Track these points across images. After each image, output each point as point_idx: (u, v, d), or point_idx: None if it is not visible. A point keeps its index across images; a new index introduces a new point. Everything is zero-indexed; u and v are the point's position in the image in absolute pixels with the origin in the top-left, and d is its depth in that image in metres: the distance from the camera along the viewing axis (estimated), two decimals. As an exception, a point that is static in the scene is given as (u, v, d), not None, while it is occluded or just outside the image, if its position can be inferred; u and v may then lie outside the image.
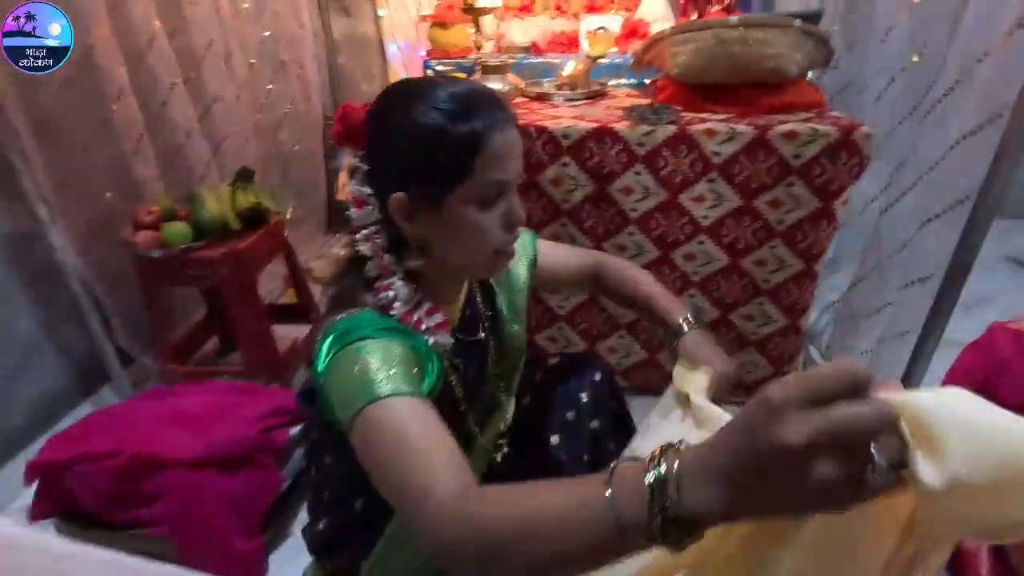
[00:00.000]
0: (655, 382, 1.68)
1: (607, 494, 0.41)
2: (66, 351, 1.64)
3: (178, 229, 1.50)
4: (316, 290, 2.37)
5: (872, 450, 0.35)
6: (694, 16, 2.08)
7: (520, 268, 0.92)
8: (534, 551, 0.44)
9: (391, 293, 0.70)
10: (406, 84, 0.71)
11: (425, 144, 0.64)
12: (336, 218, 2.96)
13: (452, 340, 0.73)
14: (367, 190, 0.70)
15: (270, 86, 2.33)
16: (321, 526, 0.89)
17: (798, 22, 1.33)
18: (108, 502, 1.13)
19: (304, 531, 0.95)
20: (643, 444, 0.75)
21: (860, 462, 0.34)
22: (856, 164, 1.31)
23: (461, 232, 0.68)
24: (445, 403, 0.68)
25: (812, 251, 1.43)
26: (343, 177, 2.77)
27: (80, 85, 1.52)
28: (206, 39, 1.87)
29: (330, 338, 0.65)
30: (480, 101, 0.66)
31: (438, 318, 0.71)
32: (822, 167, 1.32)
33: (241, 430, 1.24)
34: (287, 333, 1.89)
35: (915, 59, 1.43)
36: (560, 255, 0.99)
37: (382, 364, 0.62)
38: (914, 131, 1.40)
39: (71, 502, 1.16)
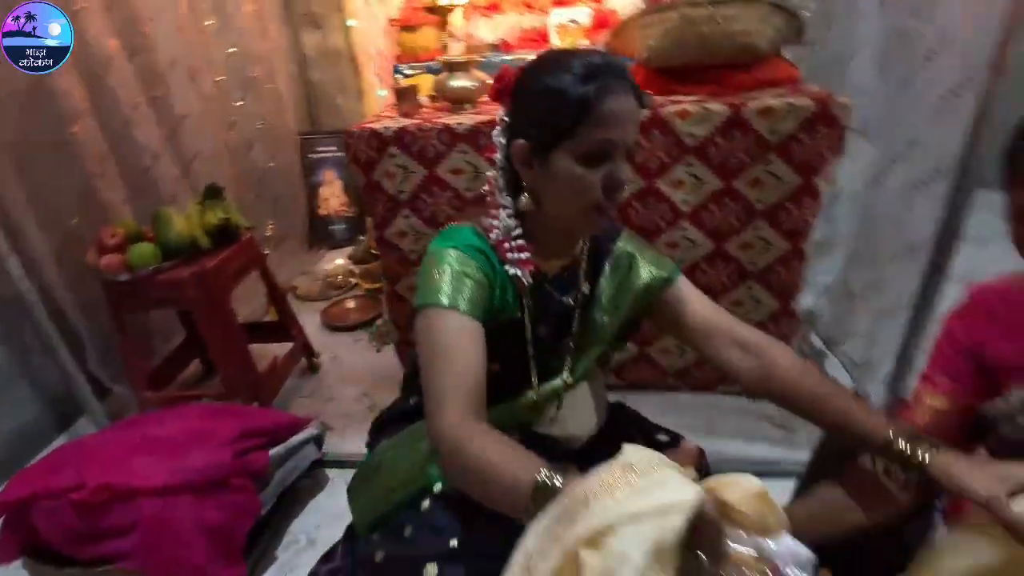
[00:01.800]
0: (648, 378, 1.63)
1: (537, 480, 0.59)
2: (39, 384, 1.58)
3: (144, 250, 1.45)
4: (301, 306, 2.34)
5: None
6: None
7: (644, 275, 0.89)
8: (474, 483, 0.67)
9: (496, 221, 0.81)
10: (550, 52, 0.81)
11: (547, 100, 0.73)
12: (318, 234, 2.93)
13: (530, 280, 0.81)
14: (502, 139, 0.80)
15: (240, 103, 2.30)
16: (390, 412, 1.01)
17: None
18: (75, 537, 1.08)
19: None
20: None
21: None
22: (836, 136, 1.27)
23: (564, 182, 0.74)
24: (512, 334, 0.83)
25: (797, 230, 1.39)
26: (324, 192, 2.71)
27: (37, 109, 1.48)
28: (169, 57, 1.83)
29: (438, 237, 0.82)
30: (603, 69, 0.71)
31: (524, 255, 0.80)
32: (800, 142, 1.29)
33: (215, 454, 1.18)
34: (269, 351, 1.84)
35: (896, 30, 1.40)
36: (699, 302, 0.89)
37: (454, 277, 0.76)
38: (896, 103, 1.37)
39: (37, 539, 1.10)
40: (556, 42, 1.93)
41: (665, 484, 0.51)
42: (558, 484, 0.58)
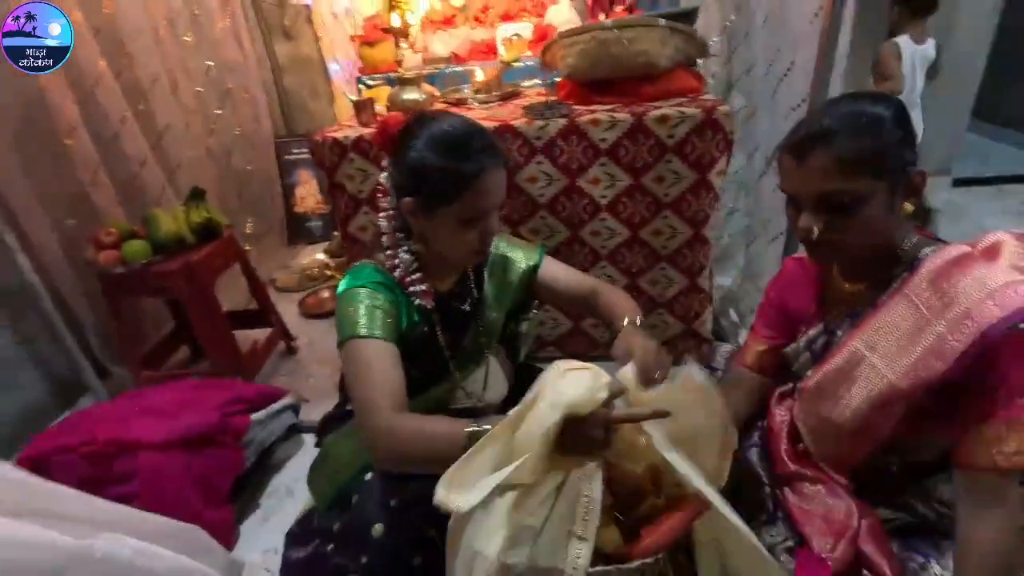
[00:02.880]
0: (583, 348, 1.88)
1: (467, 432, 0.80)
2: (45, 367, 1.79)
3: (137, 246, 1.66)
4: (280, 297, 2.55)
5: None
6: (601, 17, 2.29)
7: (517, 270, 1.13)
8: (416, 458, 0.84)
9: (397, 261, 0.99)
10: (425, 117, 0.95)
11: (429, 172, 0.89)
12: (296, 231, 3.13)
13: (433, 304, 1.01)
14: (390, 184, 0.97)
15: (219, 111, 2.50)
16: (331, 414, 1.22)
17: (663, 21, 1.54)
18: (86, 485, 1.29)
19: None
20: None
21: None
22: (722, 139, 1.52)
23: (446, 237, 0.94)
24: (428, 345, 1.03)
25: (698, 218, 1.63)
26: (300, 191, 2.93)
27: (35, 124, 1.68)
28: (151, 73, 2.03)
29: (346, 277, 0.99)
30: (475, 146, 0.89)
31: (423, 287, 0.99)
32: (693, 144, 1.53)
33: (204, 415, 1.40)
34: (251, 336, 2.06)
35: (779, 50, 1.65)
36: (562, 274, 1.15)
37: (367, 311, 0.93)
38: (770, 111, 1.62)
39: (56, 489, 1.32)
40: (503, 53, 2.16)
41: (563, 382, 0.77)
42: (486, 427, 0.78)
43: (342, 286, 0.98)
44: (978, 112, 3.10)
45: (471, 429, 0.80)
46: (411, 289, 0.99)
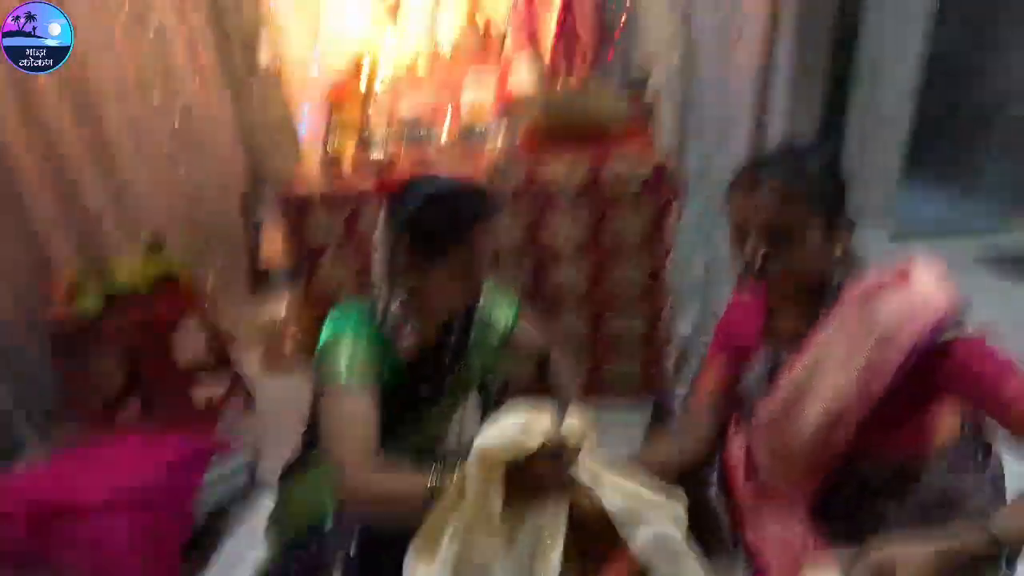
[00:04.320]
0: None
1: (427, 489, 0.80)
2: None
3: (90, 299, 1.63)
4: (240, 350, 2.49)
5: None
6: (558, 82, 2.44)
7: (496, 334, 1.16)
8: (383, 513, 0.88)
9: (389, 313, 0.99)
10: (425, 180, 1.02)
11: (427, 226, 0.93)
12: (259, 283, 3.10)
13: (418, 351, 1.03)
14: (385, 241, 0.99)
15: (186, 167, 2.51)
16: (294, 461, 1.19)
17: (615, 86, 1.66)
18: (20, 558, 1.21)
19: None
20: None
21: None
22: (672, 192, 1.62)
23: (438, 285, 0.97)
24: (407, 392, 1.04)
25: (655, 266, 1.71)
26: (265, 244, 2.92)
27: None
28: (116, 127, 2.05)
29: (331, 321, 1.00)
30: (470, 201, 0.94)
31: (411, 339, 1.01)
32: (646, 197, 1.62)
33: (152, 472, 1.34)
34: (208, 391, 2.00)
35: (719, 102, 1.79)
36: (527, 338, 1.21)
37: (350, 359, 0.94)
38: (720, 163, 1.74)
39: (-17, 560, 1.22)
40: (465, 116, 2.26)
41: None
42: (444, 482, 0.80)
43: (327, 331, 0.99)
44: (910, 167, 3.32)
45: (432, 486, 0.81)
46: (398, 336, 1.00)
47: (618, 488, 0.81)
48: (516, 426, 0.77)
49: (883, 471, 0.89)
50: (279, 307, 2.83)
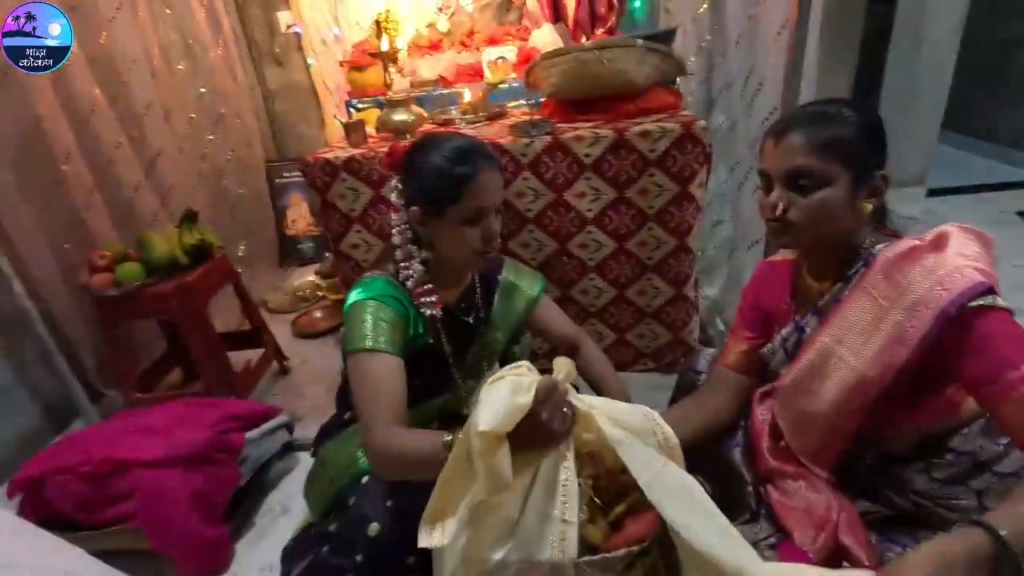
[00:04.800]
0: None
1: (444, 441, 0.85)
2: (37, 392, 1.79)
3: (130, 269, 1.68)
4: (273, 318, 2.57)
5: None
6: (583, 40, 2.37)
7: (522, 299, 1.22)
8: (406, 467, 0.90)
9: (410, 272, 1.03)
10: (430, 136, 1.06)
11: (432, 179, 0.98)
12: (287, 253, 3.16)
13: (441, 314, 1.05)
14: (400, 201, 1.04)
15: (211, 137, 2.54)
16: (329, 424, 1.24)
17: (640, 42, 1.61)
18: (83, 505, 1.30)
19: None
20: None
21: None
22: (700, 152, 1.58)
23: (452, 238, 1.00)
24: (433, 353, 1.08)
25: (681, 229, 1.68)
26: (291, 214, 2.97)
27: (32, 150, 1.72)
28: (145, 100, 2.08)
29: (356, 289, 1.03)
30: (472, 152, 0.98)
31: (433, 298, 1.04)
32: (674, 158, 1.58)
33: (199, 433, 1.41)
34: (243, 356, 2.07)
35: (752, 66, 1.73)
36: (555, 316, 1.26)
37: (375, 325, 0.97)
38: (747, 125, 1.69)
39: (51, 511, 1.32)
40: (488, 75, 2.22)
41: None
42: (459, 436, 0.82)
43: (352, 298, 1.03)
44: (948, 124, 3.21)
45: (447, 439, 0.85)
46: (421, 300, 1.03)
47: (611, 416, 0.81)
48: (504, 396, 0.76)
49: (908, 440, 0.89)
50: (307, 276, 2.89)
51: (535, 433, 0.78)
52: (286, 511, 1.56)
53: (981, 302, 0.74)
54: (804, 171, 0.83)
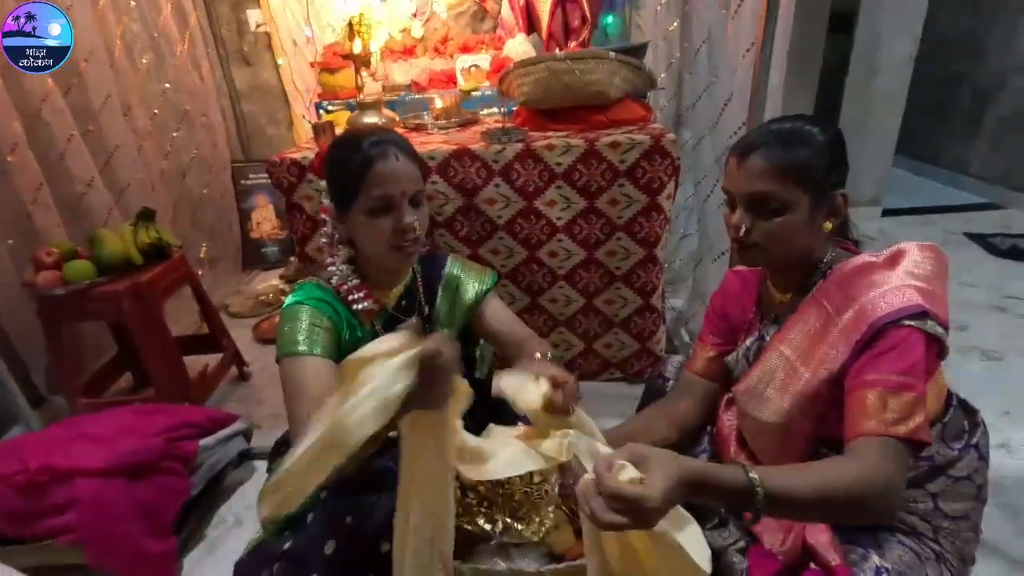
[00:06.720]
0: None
1: None
2: (-30, 397, 1.67)
3: (80, 267, 1.60)
4: (233, 323, 2.48)
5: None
6: (556, 51, 2.40)
7: (468, 293, 1.17)
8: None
9: (333, 270, 1.02)
10: (343, 133, 1.07)
11: (334, 172, 0.98)
12: (251, 256, 3.07)
13: (377, 313, 1.03)
14: (326, 201, 1.02)
15: (175, 134, 2.46)
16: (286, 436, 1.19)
17: (612, 54, 1.63)
18: (15, 517, 1.21)
19: None
20: None
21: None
22: (669, 164, 1.60)
23: (364, 232, 0.98)
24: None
25: (650, 239, 1.70)
26: (256, 216, 2.89)
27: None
28: (102, 94, 1.99)
29: (290, 295, 1.02)
30: (376, 142, 0.95)
31: (362, 294, 1.02)
32: (643, 169, 1.61)
33: (147, 441, 1.34)
34: (201, 361, 1.99)
35: (718, 83, 1.77)
36: (505, 316, 1.18)
37: (307, 329, 0.96)
38: (713, 140, 1.73)
39: (-20, 524, 1.23)
40: (461, 82, 2.22)
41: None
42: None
43: (285, 303, 1.03)
44: (901, 149, 3.37)
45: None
46: (351, 298, 1.02)
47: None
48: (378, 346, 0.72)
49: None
50: (271, 280, 2.81)
51: (422, 395, 0.73)
52: (239, 523, 1.49)
53: (911, 322, 0.77)
54: (766, 196, 0.84)
